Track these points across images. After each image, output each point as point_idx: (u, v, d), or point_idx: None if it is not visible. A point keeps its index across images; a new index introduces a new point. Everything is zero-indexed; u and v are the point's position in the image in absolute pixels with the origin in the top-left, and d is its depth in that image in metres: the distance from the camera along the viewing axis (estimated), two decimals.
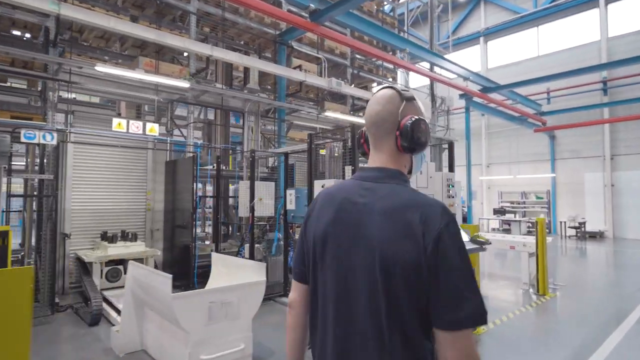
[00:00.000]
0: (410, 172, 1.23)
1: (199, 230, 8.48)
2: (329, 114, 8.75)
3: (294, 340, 1.29)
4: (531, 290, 7.35)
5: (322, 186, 4.37)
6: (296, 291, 1.29)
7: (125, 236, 6.79)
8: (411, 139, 1.12)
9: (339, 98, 10.93)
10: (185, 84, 6.31)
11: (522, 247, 7.55)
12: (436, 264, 0.98)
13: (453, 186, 5.27)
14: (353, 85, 10.93)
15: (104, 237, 6.65)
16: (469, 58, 21.02)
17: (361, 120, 9.78)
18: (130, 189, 7.52)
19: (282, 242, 6.68)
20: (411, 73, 14.38)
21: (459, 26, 21.81)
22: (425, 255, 0.99)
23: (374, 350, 1.04)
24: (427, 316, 1.01)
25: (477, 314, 0.98)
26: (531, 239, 7.48)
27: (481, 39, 20.74)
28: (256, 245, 6.52)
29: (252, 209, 6.19)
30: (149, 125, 6.25)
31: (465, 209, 13.27)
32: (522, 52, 19.23)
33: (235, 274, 4.66)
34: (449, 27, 18.25)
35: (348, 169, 4.11)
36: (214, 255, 5.06)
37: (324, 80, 8.47)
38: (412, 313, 1.01)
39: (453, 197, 5.24)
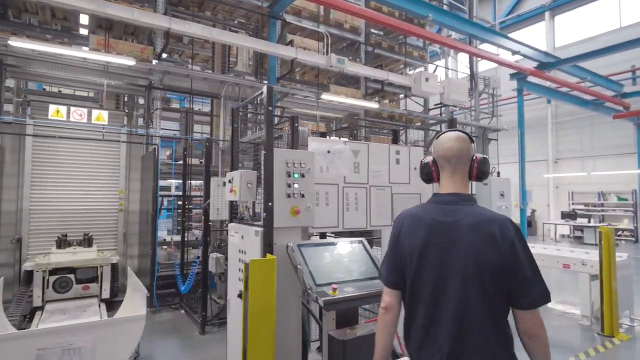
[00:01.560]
0: None
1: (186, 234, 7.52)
2: (328, 96, 7.27)
3: (390, 336, 1.66)
4: (594, 326, 5.30)
5: (224, 183, 3.01)
6: (391, 296, 1.65)
7: (85, 240, 5.98)
8: (484, 170, 1.61)
9: (354, 82, 9.40)
10: (131, 62, 5.31)
11: (581, 267, 5.50)
12: (513, 261, 1.40)
13: None
14: (381, 68, 9.37)
15: (58, 241, 5.89)
16: (531, 37, 18.12)
17: (372, 105, 8.18)
18: (101, 187, 6.70)
19: None
20: (458, 57, 12.35)
21: (519, 2, 18.97)
22: (504, 256, 1.41)
23: (480, 327, 1.43)
24: (508, 300, 1.44)
25: (545, 296, 1.43)
26: (594, 256, 5.41)
27: (546, 13, 17.77)
28: (217, 256, 5.30)
29: (205, 211, 5.00)
30: (95, 112, 5.33)
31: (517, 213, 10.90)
32: (599, 26, 16.01)
33: (138, 299, 3.49)
34: (495, 6, 15.68)
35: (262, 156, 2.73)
36: (129, 270, 3.95)
37: (322, 57, 7.06)
38: (499, 299, 1.43)
39: None
